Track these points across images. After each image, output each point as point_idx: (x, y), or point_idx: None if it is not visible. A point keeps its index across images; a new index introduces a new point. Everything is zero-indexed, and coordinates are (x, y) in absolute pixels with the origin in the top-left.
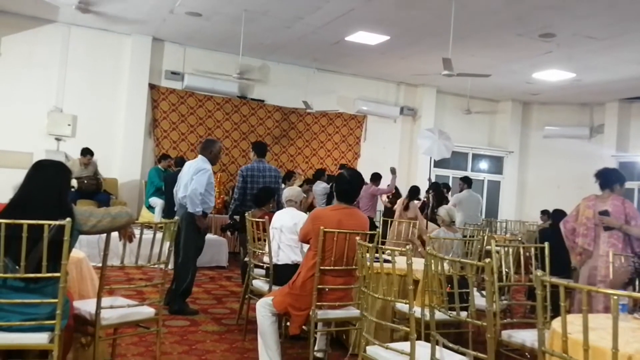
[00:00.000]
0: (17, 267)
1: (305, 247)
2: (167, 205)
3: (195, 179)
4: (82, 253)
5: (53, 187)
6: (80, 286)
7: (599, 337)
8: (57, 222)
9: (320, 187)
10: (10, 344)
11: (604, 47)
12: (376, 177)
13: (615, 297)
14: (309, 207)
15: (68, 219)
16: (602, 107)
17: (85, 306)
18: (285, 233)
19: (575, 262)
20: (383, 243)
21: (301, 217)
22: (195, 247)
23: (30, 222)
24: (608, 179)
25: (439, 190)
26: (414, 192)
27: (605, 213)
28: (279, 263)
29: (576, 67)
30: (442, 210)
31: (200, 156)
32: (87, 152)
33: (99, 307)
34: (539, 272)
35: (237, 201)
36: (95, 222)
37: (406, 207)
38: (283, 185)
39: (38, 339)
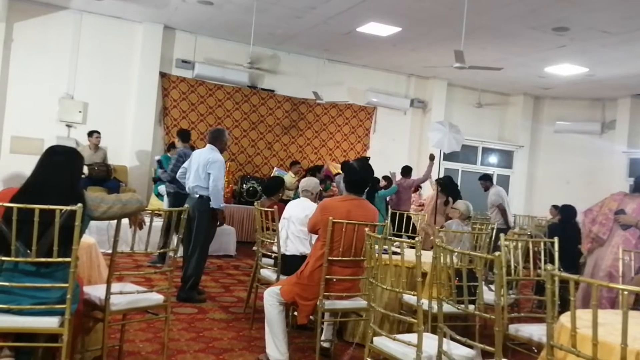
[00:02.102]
0: (28, 251)
1: (315, 238)
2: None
3: (212, 175)
4: (93, 239)
5: (65, 173)
6: (90, 272)
7: (607, 333)
8: (69, 208)
9: None
10: (21, 327)
11: (618, 42)
12: (407, 171)
13: (626, 292)
14: None
15: (79, 205)
16: (614, 102)
17: (95, 291)
18: (295, 224)
19: (585, 250)
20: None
21: (313, 209)
22: (207, 236)
23: (42, 206)
24: None
25: (454, 185)
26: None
27: (621, 212)
28: (287, 253)
29: (589, 62)
30: (463, 205)
31: (209, 145)
32: (94, 132)
33: (108, 292)
34: (549, 267)
35: (169, 175)
36: (106, 208)
37: (446, 202)
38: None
39: (48, 322)
